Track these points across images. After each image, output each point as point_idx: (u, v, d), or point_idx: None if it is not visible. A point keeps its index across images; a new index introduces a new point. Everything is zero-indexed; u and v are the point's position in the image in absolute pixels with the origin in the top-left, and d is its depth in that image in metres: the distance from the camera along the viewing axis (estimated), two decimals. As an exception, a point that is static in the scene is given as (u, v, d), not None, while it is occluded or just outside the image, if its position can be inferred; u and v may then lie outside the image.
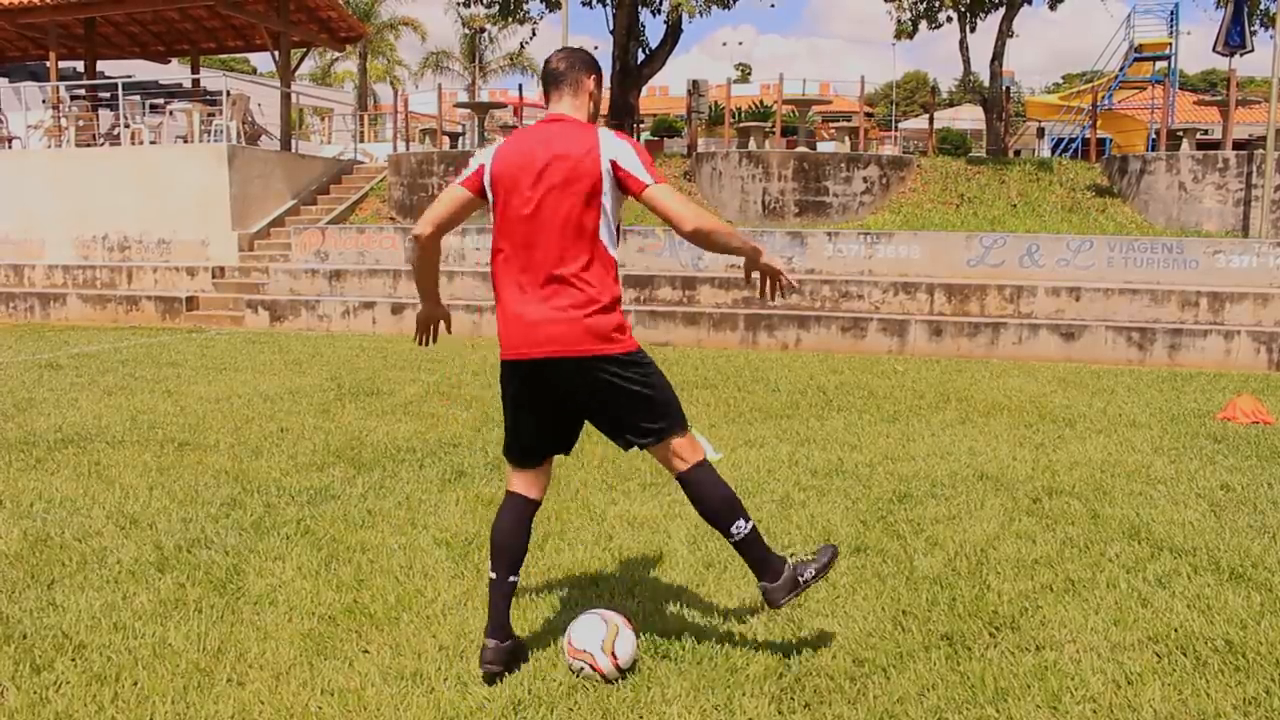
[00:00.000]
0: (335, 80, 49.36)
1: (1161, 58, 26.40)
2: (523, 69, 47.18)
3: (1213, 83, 50.33)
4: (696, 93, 23.94)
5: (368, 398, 9.84)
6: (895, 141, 34.01)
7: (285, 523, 5.61)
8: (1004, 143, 24.35)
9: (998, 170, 19.60)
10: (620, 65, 23.69)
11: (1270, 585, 4.81)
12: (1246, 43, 19.04)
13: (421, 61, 49.21)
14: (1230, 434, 8.67)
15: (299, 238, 18.65)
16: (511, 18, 24.47)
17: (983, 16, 23.30)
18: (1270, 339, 13.81)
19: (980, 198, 18.59)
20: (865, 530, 5.63)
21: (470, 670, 3.78)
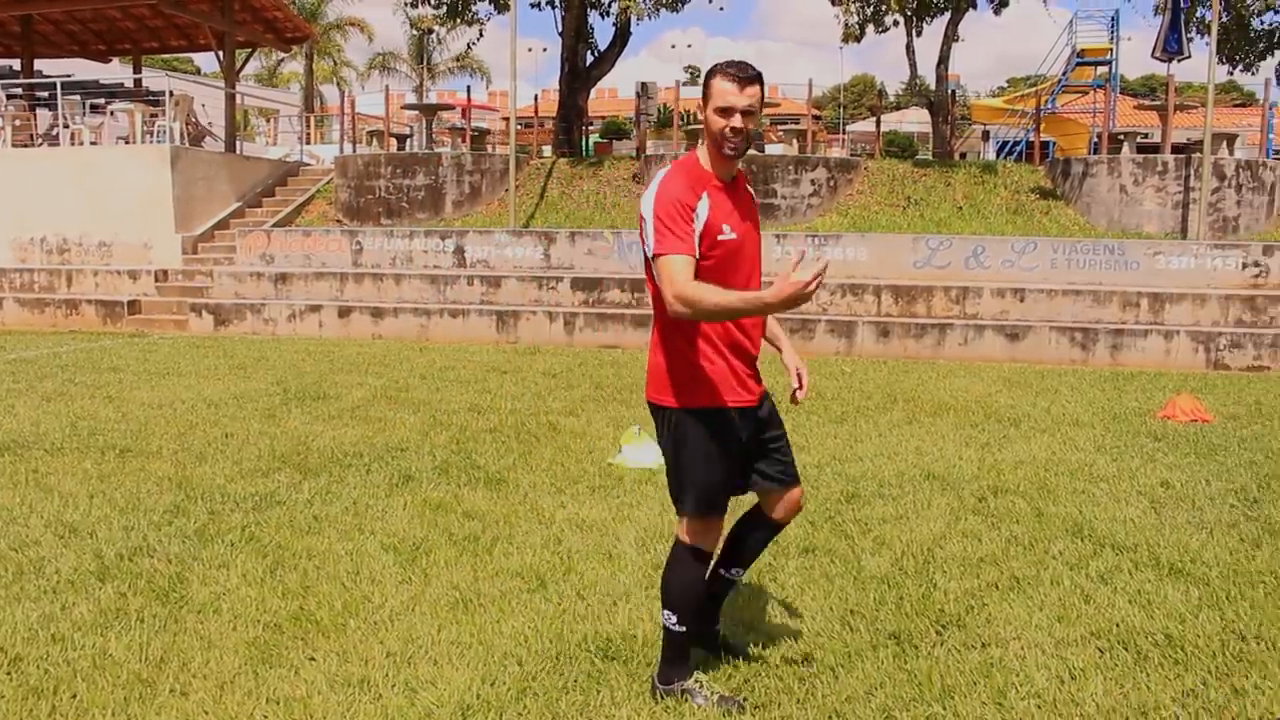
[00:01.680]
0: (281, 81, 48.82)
1: (1103, 63, 26.84)
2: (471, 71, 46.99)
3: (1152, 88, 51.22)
4: (645, 95, 23.99)
5: (314, 402, 9.74)
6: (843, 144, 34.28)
7: (230, 529, 5.54)
8: (950, 145, 24.62)
9: (944, 173, 19.81)
10: (569, 67, 23.65)
11: (1208, 580, 4.90)
12: (1184, 49, 19.43)
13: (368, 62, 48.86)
14: (1170, 432, 8.83)
15: (244, 240, 18.42)
16: (459, 19, 24.31)
17: (929, 20, 23.52)
18: (1208, 339, 14.07)
19: (927, 200, 18.78)
20: (813, 531, 5.66)
21: (418, 676, 3.76)
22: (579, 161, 21.44)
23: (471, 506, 6.06)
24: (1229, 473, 7.29)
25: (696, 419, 3.49)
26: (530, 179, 20.31)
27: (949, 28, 22.90)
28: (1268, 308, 14.65)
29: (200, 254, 18.98)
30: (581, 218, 18.92)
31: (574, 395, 10.33)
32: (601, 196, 19.63)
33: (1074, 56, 26.73)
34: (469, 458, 7.39)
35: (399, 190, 19.66)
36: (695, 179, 3.42)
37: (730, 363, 3.51)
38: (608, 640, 4.06)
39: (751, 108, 3.37)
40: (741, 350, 3.53)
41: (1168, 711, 3.58)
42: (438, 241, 17.64)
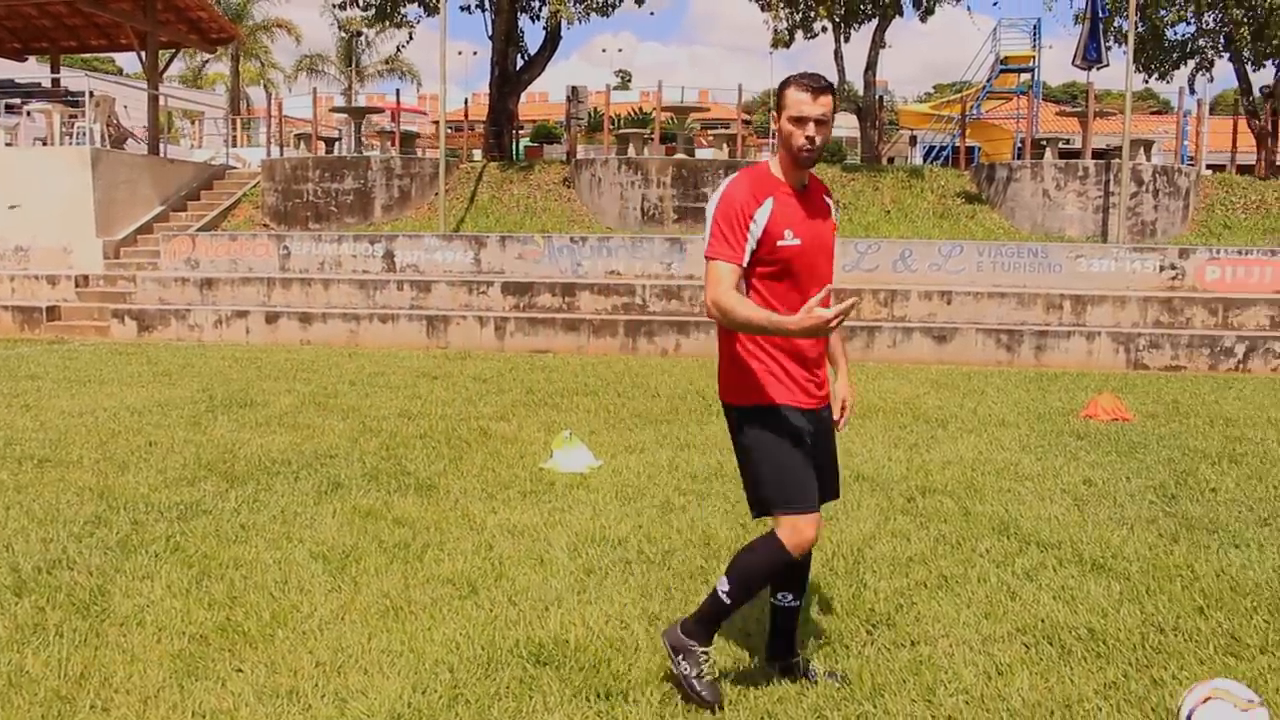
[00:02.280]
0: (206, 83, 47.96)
1: (1026, 70, 27.40)
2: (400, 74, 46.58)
3: (1073, 95, 52.36)
4: (576, 99, 23.97)
5: (241, 409, 9.58)
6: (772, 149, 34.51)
7: (154, 540, 5.42)
8: (877, 150, 24.95)
9: (872, 177, 20.07)
10: (499, 71, 23.57)
11: (1129, 575, 5.02)
12: (1103, 58, 19.89)
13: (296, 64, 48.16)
14: (1092, 431, 9.03)
15: (168, 245, 18.07)
16: (388, 21, 24.12)
17: (856, 27, 23.83)
18: (1128, 339, 14.42)
19: (855, 204, 19.00)
20: (745, 532, 5.68)
21: (348, 685, 3.71)
22: (509, 165, 21.38)
23: (402, 513, 6.01)
24: (1148, 470, 7.48)
25: (756, 417, 3.55)
26: (460, 183, 20.20)
27: (876, 34, 23.22)
28: (1184, 309, 15.05)
29: (123, 259, 18.59)
30: (512, 222, 18.87)
31: (505, 400, 10.29)
32: (532, 201, 19.59)
33: (998, 64, 27.27)
34: (399, 464, 7.33)
35: (327, 194, 19.44)
36: (761, 185, 3.50)
37: (784, 365, 3.54)
38: (540, 646, 4.05)
39: (824, 117, 3.45)
40: (797, 354, 3.55)
41: (1091, 704, 3.65)
42: (367, 246, 17.47)
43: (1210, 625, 4.38)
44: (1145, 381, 12.72)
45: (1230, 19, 21.69)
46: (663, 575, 4.94)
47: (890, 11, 22.85)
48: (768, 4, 22.58)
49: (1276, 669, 3.95)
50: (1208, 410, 10.32)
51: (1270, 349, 14.17)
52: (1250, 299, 15.08)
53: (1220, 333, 14.52)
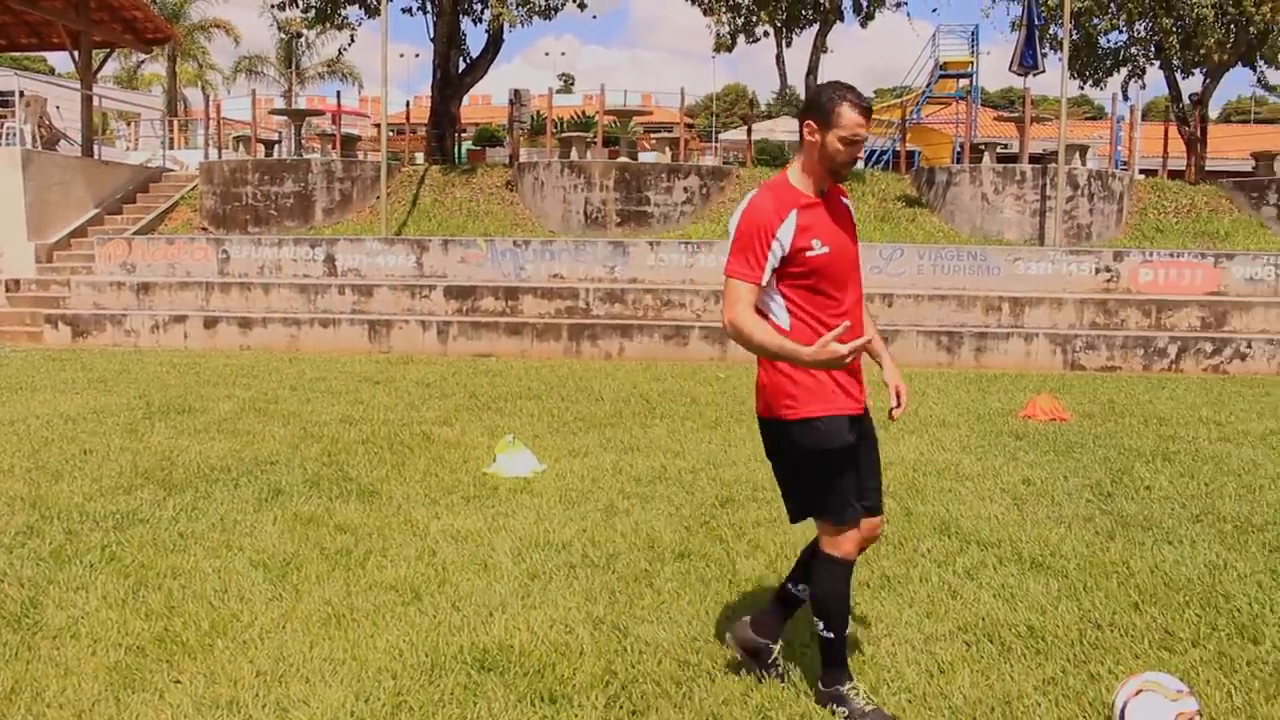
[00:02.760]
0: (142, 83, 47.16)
1: (964, 75, 27.80)
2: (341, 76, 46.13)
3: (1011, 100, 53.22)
4: (519, 102, 23.91)
5: (179, 416, 9.43)
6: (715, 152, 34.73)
7: (89, 550, 5.32)
8: (819, 154, 25.08)
9: (813, 181, 20.18)
10: (441, 74, 23.44)
11: (1066, 572, 5.11)
12: (1039, 64, 20.23)
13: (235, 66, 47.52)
14: (1031, 431, 9.17)
15: (103, 248, 17.73)
16: (329, 23, 23.86)
17: (798, 32, 24.04)
18: (1065, 341, 14.67)
19: (797, 208, 19.12)
20: (689, 535, 5.71)
21: (290, 695, 3.67)
22: (452, 169, 21.26)
23: (344, 520, 5.95)
24: (1085, 469, 7.61)
25: (798, 430, 3.57)
26: (402, 186, 20.05)
27: (817, 39, 23.42)
28: (1119, 311, 15.34)
29: (56, 263, 18.22)
30: (454, 225, 18.77)
31: (448, 405, 10.23)
32: (475, 204, 19.51)
33: (937, 69, 27.63)
34: (341, 470, 7.25)
35: (267, 197, 19.21)
36: (783, 200, 3.49)
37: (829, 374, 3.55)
38: (484, 651, 4.03)
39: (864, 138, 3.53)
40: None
41: (1030, 700, 3.71)
42: (308, 250, 17.28)
43: (1145, 620, 4.47)
44: (1082, 382, 12.95)
45: (1160, 28, 22.17)
46: (607, 579, 4.94)
47: (831, 17, 23.07)
48: (710, 8, 22.69)
49: (1208, 661, 4.05)
50: (1142, 410, 10.53)
51: (1201, 349, 14.50)
52: (1182, 300, 15.42)
53: (1154, 334, 14.82)
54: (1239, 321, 15.18)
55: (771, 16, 22.68)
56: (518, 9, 22.02)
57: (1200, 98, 23.86)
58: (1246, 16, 20.88)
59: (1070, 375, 13.86)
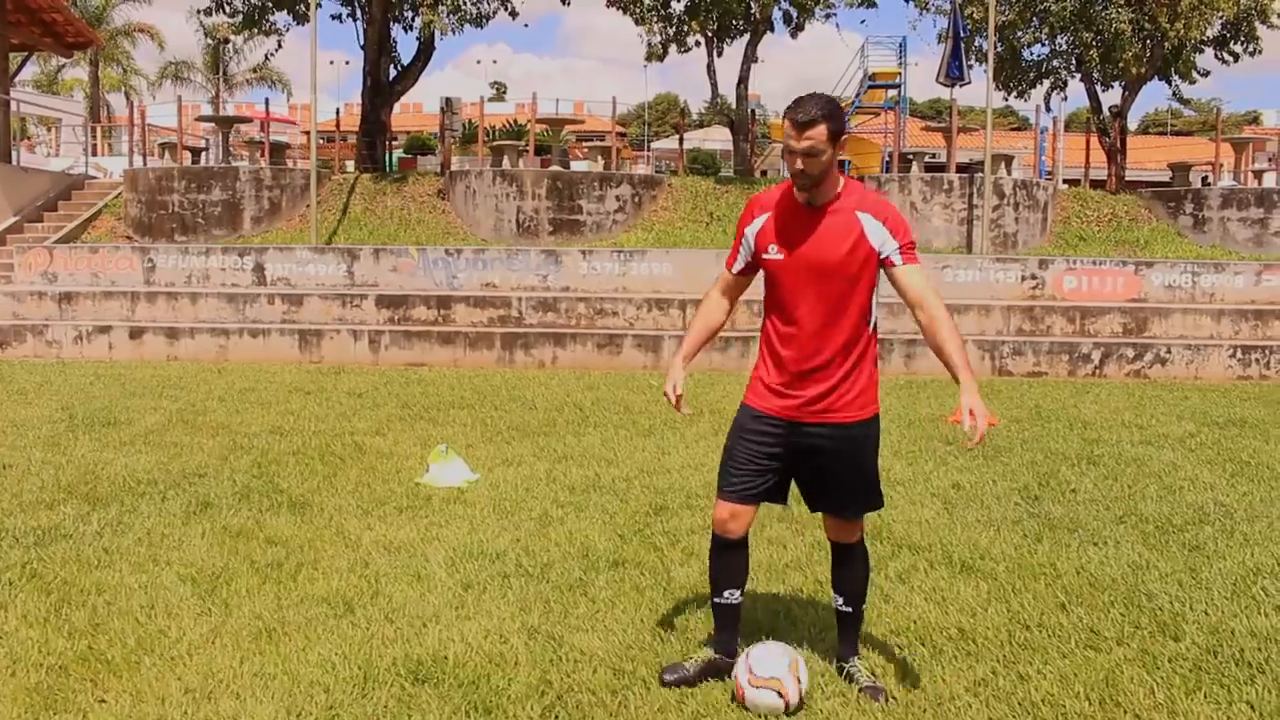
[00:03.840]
0: (63, 88, 46.12)
1: (892, 86, 28.18)
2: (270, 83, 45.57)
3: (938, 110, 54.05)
4: (450, 110, 23.80)
5: (104, 428, 9.23)
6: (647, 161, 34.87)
7: (8, 567, 5.18)
8: (751, 163, 25.35)
9: (745, 189, 20.36)
10: (372, 81, 23.22)
11: (996, 575, 5.20)
12: (965, 76, 20.61)
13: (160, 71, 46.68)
14: (960, 436, 9.30)
15: (23, 257, 17.29)
16: (256, 28, 23.53)
17: (729, 42, 24.20)
18: (993, 346, 14.92)
19: (729, 216, 19.25)
20: (623, 544, 5.72)
21: (219, 712, 3.61)
22: (383, 177, 21.08)
23: (274, 532, 5.86)
24: (1013, 473, 7.75)
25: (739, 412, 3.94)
26: (333, 195, 19.84)
27: (748, 49, 23.61)
28: (1044, 317, 15.65)
29: (-28, 273, 17.73)
30: (386, 234, 18.62)
31: (380, 415, 10.13)
32: (406, 213, 19.36)
33: (866, 80, 27.97)
34: (271, 482, 7.15)
35: (194, 205, 18.89)
36: (767, 201, 3.81)
37: (769, 372, 3.90)
38: (418, 663, 4.00)
39: (811, 150, 3.55)
40: (779, 362, 3.88)
41: (961, 701, 3.77)
42: (236, 259, 17.01)
43: (1071, 620, 4.57)
44: (1009, 387, 13.18)
45: (1081, 42, 22.68)
46: (541, 588, 4.93)
47: (761, 27, 23.27)
48: (642, 18, 22.77)
49: (1131, 659, 4.15)
50: (1067, 414, 10.75)
51: (1123, 355, 14.83)
52: (1105, 307, 15.77)
53: (1078, 340, 15.14)
54: (1159, 327, 15.56)
55: (703, 26, 22.82)
56: (449, 17, 21.90)
57: (1119, 110, 24.46)
58: (1161, 32, 21.47)
59: (998, 381, 14.10)
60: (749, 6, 22.58)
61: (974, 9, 21.86)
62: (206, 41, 43.76)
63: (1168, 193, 20.29)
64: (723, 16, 22.81)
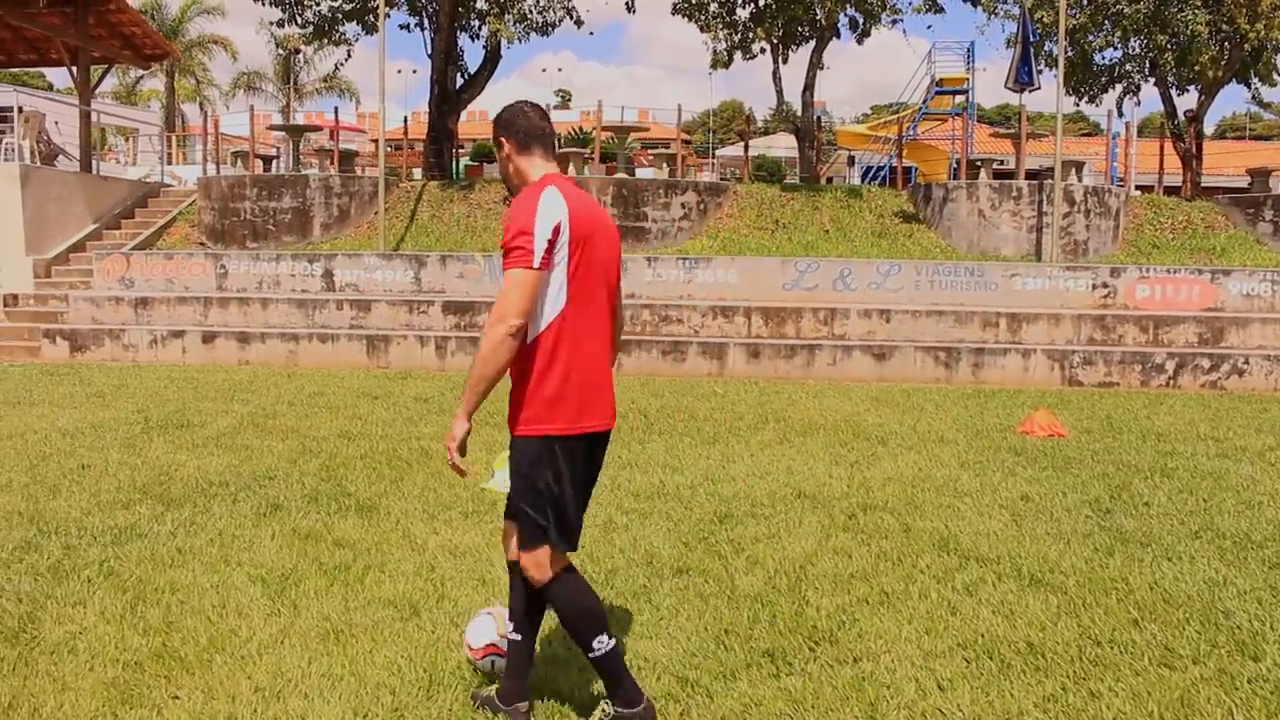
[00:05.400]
0: (141, 99, 47.23)
1: (960, 92, 27.86)
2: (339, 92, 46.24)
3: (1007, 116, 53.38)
4: (517, 118, 23.91)
5: (177, 430, 9.42)
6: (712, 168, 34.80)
7: (87, 565, 5.31)
8: (816, 170, 25.21)
9: (811, 197, 20.26)
10: (439, 90, 23.50)
11: (1065, 588, 5.10)
12: (1034, 81, 20.29)
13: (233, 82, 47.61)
14: (1029, 447, 9.17)
15: (102, 263, 17.74)
16: (327, 39, 23.95)
17: (794, 49, 24.10)
18: (1063, 356, 14.68)
19: (795, 223, 19.18)
20: (687, 551, 5.70)
21: (288, 710, 3.66)
22: (449, 184, 21.29)
23: (342, 535, 5.94)
24: (1084, 485, 7.61)
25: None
26: (400, 202, 20.08)
27: (814, 56, 23.49)
28: (1116, 326, 15.36)
29: (54, 278, 18.22)
30: (452, 241, 18.79)
31: (446, 420, 10.22)
32: (472, 220, 19.53)
33: (933, 85, 27.69)
34: (339, 485, 7.24)
35: (265, 212, 19.23)
36: None
37: None
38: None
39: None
40: None
41: (1031, 717, 3.71)
42: (306, 265, 17.29)
43: (1145, 637, 4.47)
44: (1080, 398, 12.96)
45: (1155, 45, 22.26)
46: (605, 594, 4.93)
47: (827, 34, 23.15)
48: (706, 25, 22.77)
49: (1208, 679, 4.04)
50: (1140, 425, 10.54)
51: (1199, 365, 14.51)
52: (1179, 316, 15.44)
53: (1151, 350, 14.84)
54: (1236, 337, 15.20)
55: (768, 33, 22.76)
56: (515, 25, 22.11)
57: (1195, 114, 23.95)
58: (1240, 34, 20.99)
59: (1068, 391, 13.87)
60: (814, 13, 22.47)
61: (1044, 13, 21.56)
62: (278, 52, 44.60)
63: (1246, 199, 19.80)
64: (788, 23, 22.74)
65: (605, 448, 3.60)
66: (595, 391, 3.45)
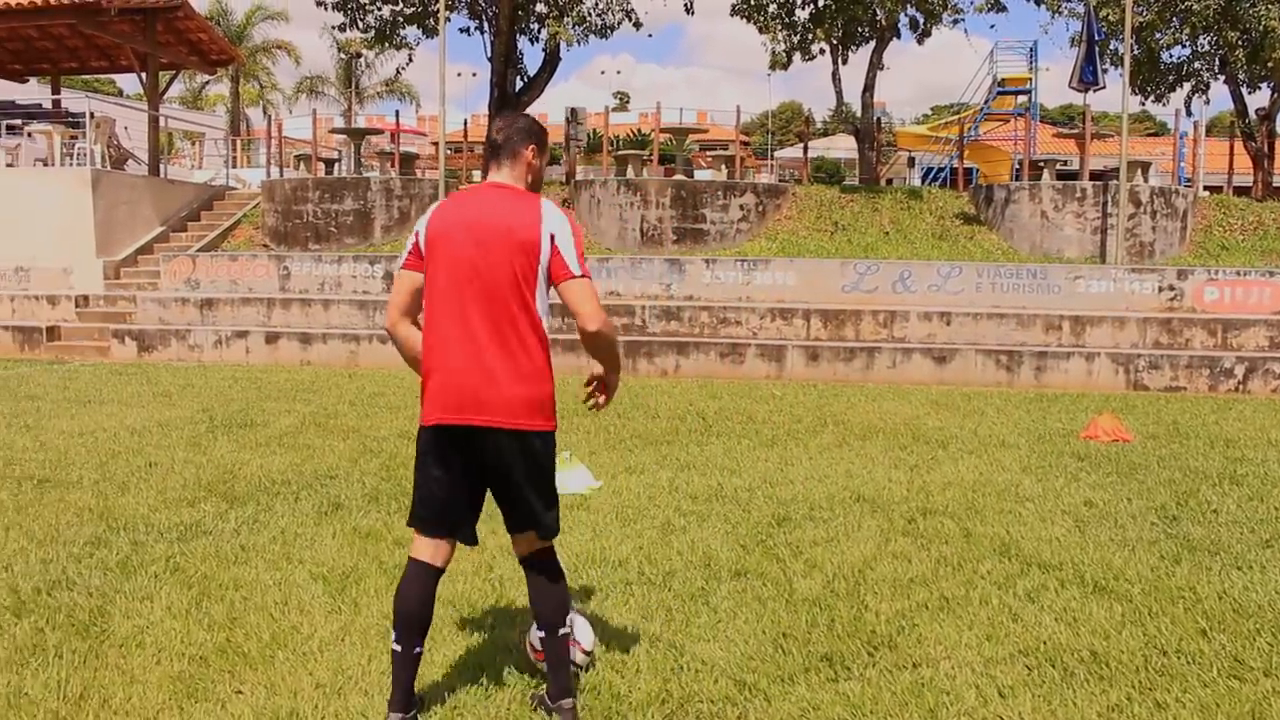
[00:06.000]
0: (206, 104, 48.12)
1: (1023, 92, 27.51)
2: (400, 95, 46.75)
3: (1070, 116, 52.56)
4: (575, 120, 24.03)
5: (241, 430, 9.58)
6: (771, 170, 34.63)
7: (154, 561, 5.42)
8: (876, 172, 25.02)
9: (870, 198, 20.12)
10: (498, 93, 23.65)
11: (1130, 596, 5.01)
12: (1099, 80, 19.97)
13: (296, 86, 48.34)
14: (1093, 452, 9.02)
15: (168, 265, 18.09)
16: (388, 43, 24.22)
17: (854, 49, 23.94)
18: (1128, 360, 14.43)
19: (854, 225, 19.04)
20: (745, 554, 5.68)
21: (349, 707, 3.70)
22: (509, 186, 21.36)
23: (402, 534, 5.99)
24: (1149, 491, 7.47)
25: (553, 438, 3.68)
26: (461, 204, 20.21)
27: (874, 56, 23.32)
28: (1183, 330, 15.07)
29: (123, 279, 18.62)
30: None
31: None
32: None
33: (995, 85, 27.37)
34: (399, 485, 7.31)
35: (327, 215, 19.49)
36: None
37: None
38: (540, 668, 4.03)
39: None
40: None
41: (1093, 727, 3.64)
42: (367, 266, 17.50)
43: (1214, 648, 4.37)
44: (1145, 402, 12.72)
45: (1225, 42, 21.81)
46: (663, 596, 4.93)
47: (887, 34, 22.96)
48: (765, 26, 22.69)
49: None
50: (1208, 431, 10.32)
51: (1270, 370, 14.18)
52: (1249, 320, 15.10)
53: (1220, 354, 14.53)
54: (1309, 341, 14.85)
55: (827, 34, 22.63)
56: (574, 28, 22.21)
57: (1267, 112, 23.43)
58: (1316, 29, 20.49)
59: (1133, 395, 13.63)
60: (874, 13, 22.30)
61: (1109, 11, 21.21)
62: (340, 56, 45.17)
63: (1319, 200, 19.33)
64: (848, 24, 22.59)
65: (500, 447, 3.52)
66: (451, 391, 3.51)
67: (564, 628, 3.61)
